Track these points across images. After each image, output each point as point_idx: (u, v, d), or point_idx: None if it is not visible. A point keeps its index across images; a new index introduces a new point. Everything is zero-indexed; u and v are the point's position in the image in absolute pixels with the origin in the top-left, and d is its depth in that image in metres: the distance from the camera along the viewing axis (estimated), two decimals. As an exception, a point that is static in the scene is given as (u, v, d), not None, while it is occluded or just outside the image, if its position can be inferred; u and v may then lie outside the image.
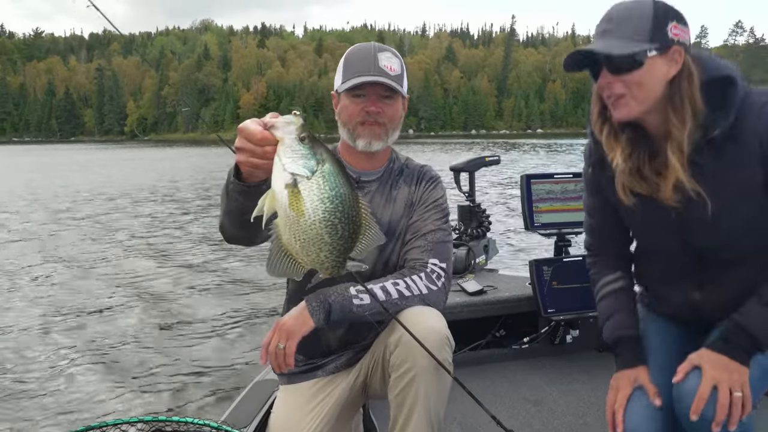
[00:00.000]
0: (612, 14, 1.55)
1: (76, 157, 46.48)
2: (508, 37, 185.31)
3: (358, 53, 1.92)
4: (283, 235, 1.26)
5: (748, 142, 1.51)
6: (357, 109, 1.89)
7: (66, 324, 6.00)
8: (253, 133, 1.31)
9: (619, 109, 1.56)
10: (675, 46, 1.49)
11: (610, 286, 1.85)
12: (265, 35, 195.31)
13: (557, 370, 3.09)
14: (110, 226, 12.46)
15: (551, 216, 3.27)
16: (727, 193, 1.55)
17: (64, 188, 20.82)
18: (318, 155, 1.23)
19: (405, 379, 1.71)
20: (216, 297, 6.87)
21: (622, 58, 1.50)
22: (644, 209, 1.67)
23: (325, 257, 1.28)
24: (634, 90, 1.52)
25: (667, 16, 1.50)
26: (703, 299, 1.70)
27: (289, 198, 1.21)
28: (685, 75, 1.51)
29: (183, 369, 4.79)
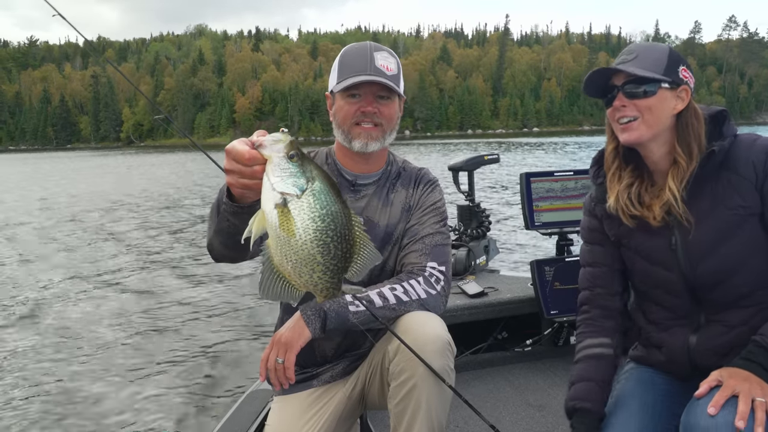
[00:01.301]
0: (633, 48, 1.72)
1: (74, 165, 46.38)
2: (502, 36, 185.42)
3: (354, 52, 1.88)
4: (275, 257, 1.22)
5: (742, 170, 1.62)
6: (352, 109, 1.84)
7: (57, 331, 5.94)
8: (241, 153, 1.26)
9: (629, 132, 1.67)
10: (684, 85, 1.66)
11: (589, 350, 1.82)
12: (260, 39, 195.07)
13: (561, 372, 3.03)
14: (104, 233, 12.40)
15: (552, 215, 3.21)
16: (722, 221, 1.63)
17: (68, 196, 20.75)
18: (308, 173, 1.20)
19: (405, 387, 1.66)
20: (209, 307, 6.80)
21: (639, 82, 1.64)
22: (645, 240, 1.74)
23: (319, 278, 1.24)
24: (645, 114, 1.65)
25: (679, 59, 1.68)
26: (700, 344, 1.70)
27: (279, 218, 1.18)
28: (692, 112, 1.67)
29: (176, 379, 4.73)
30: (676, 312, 1.76)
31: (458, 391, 1.67)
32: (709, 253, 1.65)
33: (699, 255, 1.66)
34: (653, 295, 1.80)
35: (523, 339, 3.26)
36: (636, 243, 1.77)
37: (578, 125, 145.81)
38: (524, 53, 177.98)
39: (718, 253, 1.65)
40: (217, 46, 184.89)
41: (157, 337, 5.78)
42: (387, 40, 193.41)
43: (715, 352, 1.67)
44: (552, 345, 3.25)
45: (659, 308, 1.80)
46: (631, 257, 1.80)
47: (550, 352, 3.22)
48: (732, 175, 1.64)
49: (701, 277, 1.67)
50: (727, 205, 1.64)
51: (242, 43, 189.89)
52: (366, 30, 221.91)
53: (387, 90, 1.85)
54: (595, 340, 1.82)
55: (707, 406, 1.44)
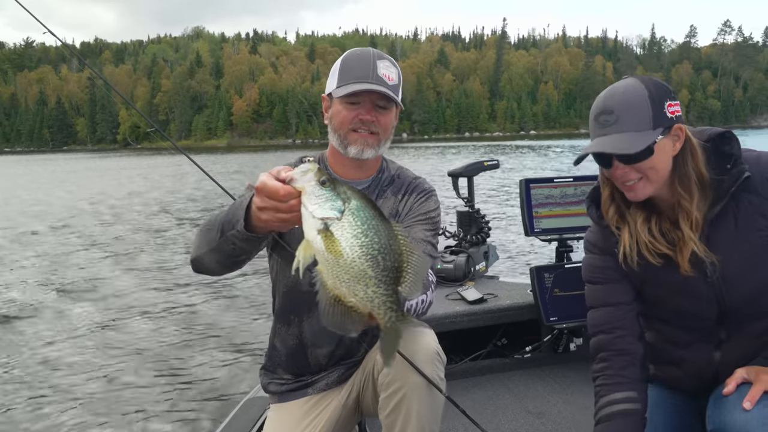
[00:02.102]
0: (610, 106, 1.56)
1: (68, 167, 46.23)
2: (499, 39, 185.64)
3: (357, 58, 1.86)
4: (328, 280, 1.24)
5: (759, 188, 1.56)
6: (350, 115, 1.83)
7: (53, 339, 5.90)
8: (276, 190, 1.27)
9: (636, 192, 1.58)
10: (676, 123, 1.55)
11: (613, 407, 1.65)
12: (257, 41, 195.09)
13: (561, 379, 3.01)
14: (94, 240, 12.36)
15: (552, 221, 3.20)
16: (752, 244, 1.57)
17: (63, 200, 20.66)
18: (342, 195, 1.23)
19: (395, 398, 1.65)
20: (204, 314, 6.78)
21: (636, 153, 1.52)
22: (677, 275, 1.63)
23: (373, 292, 1.24)
24: (649, 174, 1.55)
25: (662, 97, 1.54)
26: (724, 359, 1.65)
27: (325, 242, 1.21)
28: (688, 150, 1.57)
29: (172, 388, 4.70)
30: (698, 335, 1.69)
31: (452, 399, 1.66)
32: (745, 279, 1.59)
33: (734, 283, 1.59)
34: (675, 321, 1.72)
35: (523, 346, 3.24)
36: (666, 279, 1.65)
37: (575, 128, 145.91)
38: (521, 56, 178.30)
39: (753, 277, 1.58)
40: (214, 48, 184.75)
41: (153, 345, 5.75)
42: (384, 43, 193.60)
43: (739, 363, 1.60)
44: (552, 352, 3.23)
45: (681, 332, 1.71)
46: (659, 293, 1.69)
47: (550, 359, 3.21)
48: (752, 196, 1.57)
49: (735, 303, 1.61)
50: (751, 227, 1.57)
51: (240, 45, 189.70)
52: (364, 33, 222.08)
53: (386, 100, 1.84)
54: (621, 395, 1.65)
55: (740, 402, 1.41)
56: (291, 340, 1.95)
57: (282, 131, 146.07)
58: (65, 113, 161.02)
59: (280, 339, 1.98)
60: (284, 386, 1.98)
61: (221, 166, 29.62)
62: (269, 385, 2.02)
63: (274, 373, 2.03)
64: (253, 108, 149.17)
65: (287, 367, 1.98)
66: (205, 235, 1.61)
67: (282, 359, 1.99)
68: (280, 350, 1.98)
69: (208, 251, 1.60)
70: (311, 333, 1.92)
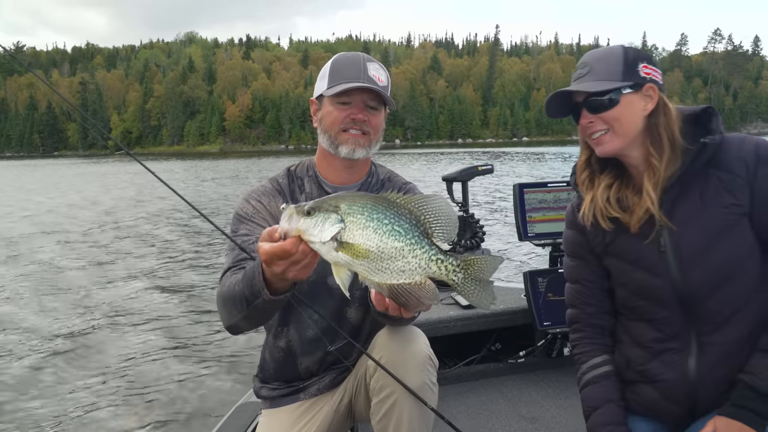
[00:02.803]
0: (585, 60, 1.67)
1: (59, 172, 45.95)
2: (492, 46, 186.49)
3: (347, 60, 1.87)
4: (375, 278, 1.26)
5: (734, 167, 1.56)
6: (341, 115, 1.83)
7: (44, 348, 5.85)
8: (284, 249, 1.27)
9: (602, 145, 1.63)
10: (648, 83, 1.60)
11: (597, 371, 1.76)
12: (251, 47, 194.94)
13: (555, 384, 3.01)
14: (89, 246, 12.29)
15: (545, 226, 3.19)
16: (714, 220, 1.56)
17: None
18: (330, 209, 1.24)
19: (386, 403, 1.66)
20: (197, 320, 6.75)
21: (599, 96, 1.59)
22: (631, 243, 1.67)
23: (414, 258, 1.26)
24: (614, 125, 1.60)
25: (636, 58, 1.62)
26: (700, 373, 1.61)
27: (347, 253, 1.23)
28: (661, 109, 1.61)
29: (163, 393, 4.67)
30: (665, 330, 1.66)
31: (438, 412, 1.65)
32: (701, 255, 1.57)
33: (691, 258, 1.59)
34: (640, 309, 1.71)
35: (517, 350, 3.23)
36: (622, 247, 1.69)
37: (567, 135, 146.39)
38: (514, 63, 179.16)
39: (712, 254, 1.57)
40: (207, 53, 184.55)
41: (145, 350, 5.71)
42: (378, 49, 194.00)
43: (718, 383, 1.58)
44: (545, 356, 3.23)
45: (646, 326, 1.70)
46: (617, 265, 1.72)
47: (544, 363, 3.20)
48: (722, 173, 1.57)
49: (694, 282, 1.59)
50: (716, 203, 1.57)
51: (233, 50, 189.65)
52: (357, 39, 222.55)
53: (376, 100, 1.85)
54: (598, 359, 1.77)
55: None
56: (278, 352, 1.95)
57: (275, 137, 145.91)
58: (56, 118, 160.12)
59: (268, 351, 1.99)
60: (276, 391, 1.98)
61: (213, 172, 29.64)
62: (261, 390, 2.02)
63: (266, 380, 2.03)
64: (246, 113, 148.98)
65: (278, 375, 1.98)
66: (231, 309, 1.62)
67: (272, 370, 1.99)
68: (270, 362, 1.99)
69: (242, 319, 1.61)
70: (301, 343, 1.92)
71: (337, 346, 1.91)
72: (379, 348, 1.71)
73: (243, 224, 1.85)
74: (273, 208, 1.89)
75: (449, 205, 1.29)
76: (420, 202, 1.28)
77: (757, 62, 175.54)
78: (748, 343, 1.57)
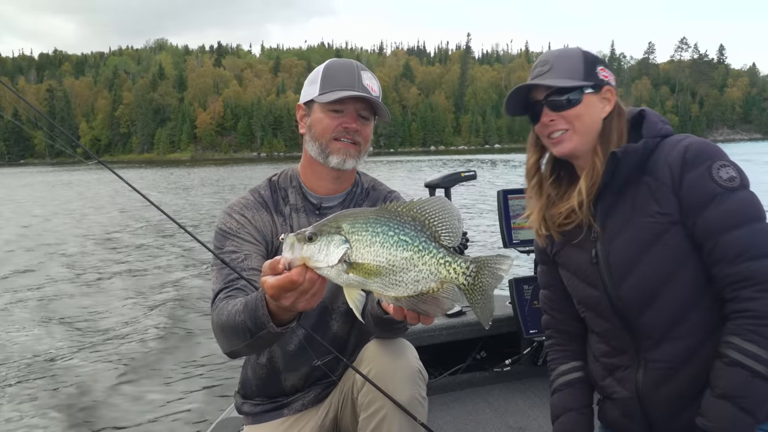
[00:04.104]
0: (546, 58, 1.66)
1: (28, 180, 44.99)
2: (463, 54, 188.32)
3: (340, 67, 1.83)
4: (391, 293, 1.23)
5: (659, 172, 1.51)
6: (334, 124, 1.78)
7: (17, 369, 5.67)
8: (291, 279, 1.20)
9: (562, 144, 1.60)
10: (606, 86, 1.60)
11: (563, 378, 1.76)
12: (222, 54, 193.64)
13: (541, 393, 2.97)
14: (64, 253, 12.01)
15: (530, 232, 3.14)
16: (639, 230, 1.53)
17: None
18: (332, 230, 1.21)
19: (375, 419, 1.62)
20: (177, 333, 6.62)
21: (562, 93, 1.57)
22: (571, 253, 1.67)
23: (424, 265, 1.21)
24: (575, 124, 1.58)
25: (595, 61, 1.62)
26: (647, 388, 1.58)
27: (358, 273, 1.20)
28: (616, 112, 1.61)
29: (143, 407, 4.54)
30: (612, 344, 1.65)
31: (428, 427, 1.62)
32: (630, 266, 1.54)
33: (620, 269, 1.56)
34: (588, 320, 1.71)
35: (503, 359, 3.19)
36: (565, 257, 1.70)
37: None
38: (485, 71, 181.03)
39: (641, 266, 1.53)
40: (177, 60, 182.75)
41: (124, 363, 5.56)
42: (350, 56, 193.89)
43: (669, 401, 1.55)
44: (531, 364, 3.19)
45: (597, 339, 1.70)
46: (565, 274, 1.73)
47: (530, 371, 3.17)
48: (651, 179, 1.52)
49: (625, 294, 1.56)
50: (644, 212, 1.52)
51: (204, 57, 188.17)
52: (329, 46, 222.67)
53: (369, 110, 1.81)
54: (567, 366, 1.77)
55: None
56: (261, 369, 1.91)
57: (247, 144, 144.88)
58: (22, 126, 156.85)
59: (251, 367, 1.95)
60: (259, 407, 1.93)
61: (188, 179, 29.19)
62: (243, 405, 1.98)
63: (248, 396, 1.98)
64: (218, 121, 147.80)
65: (261, 391, 1.94)
66: (232, 338, 1.56)
67: (255, 386, 1.95)
68: (251, 378, 1.95)
69: (244, 347, 1.55)
70: (284, 359, 1.88)
71: (324, 360, 1.85)
72: (367, 361, 1.67)
73: (228, 240, 1.77)
74: (258, 221, 1.83)
75: (451, 205, 1.26)
76: (422, 206, 1.23)
77: (722, 70, 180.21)
78: (698, 356, 1.51)
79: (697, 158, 1.48)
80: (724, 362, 1.43)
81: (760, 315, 1.40)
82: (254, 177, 34.54)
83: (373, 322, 1.68)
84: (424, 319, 1.29)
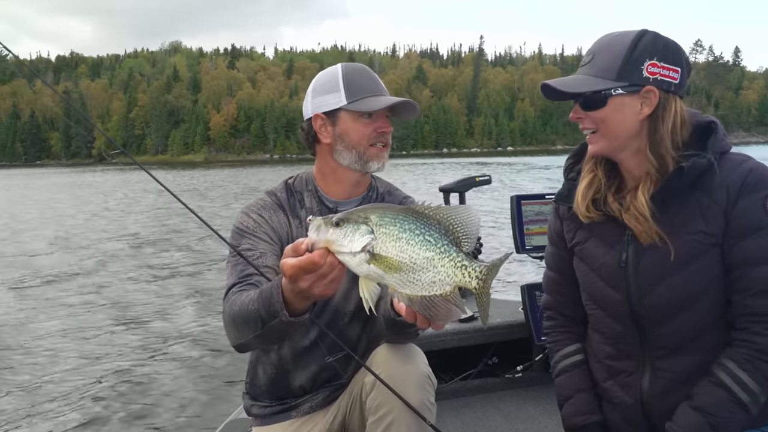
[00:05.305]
0: (594, 47, 1.54)
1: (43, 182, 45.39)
2: (476, 56, 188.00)
3: (359, 73, 1.84)
4: (406, 291, 1.21)
5: (715, 192, 1.44)
6: (368, 130, 1.80)
7: (29, 362, 5.72)
8: (313, 261, 1.20)
9: (591, 144, 1.56)
10: (649, 85, 1.45)
11: (569, 360, 1.74)
12: (235, 56, 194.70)
13: (553, 400, 2.92)
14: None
15: (542, 238, 3.14)
16: (679, 246, 1.46)
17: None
18: (359, 220, 1.20)
19: (383, 423, 1.62)
20: (185, 333, 6.64)
21: (589, 96, 1.49)
22: (597, 250, 1.61)
23: (443, 267, 1.20)
24: (601, 127, 1.50)
25: (645, 53, 1.46)
26: (652, 394, 1.57)
27: (379, 266, 1.19)
28: (662, 114, 1.47)
29: (151, 409, 4.56)
30: (618, 347, 1.63)
31: (438, 429, 1.62)
32: (659, 279, 1.49)
33: (649, 278, 1.51)
34: (595, 318, 1.68)
35: (514, 365, 3.17)
36: (588, 253, 1.64)
37: (551, 144, 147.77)
38: (498, 74, 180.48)
39: (669, 282, 1.48)
40: (192, 63, 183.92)
41: (130, 363, 5.59)
42: (363, 59, 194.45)
43: (673, 411, 1.52)
44: (543, 371, 3.17)
45: (601, 339, 1.68)
46: (581, 267, 1.68)
47: (542, 378, 3.15)
48: (703, 197, 1.45)
49: (649, 303, 1.52)
50: (688, 229, 1.46)
51: (218, 60, 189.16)
52: (342, 49, 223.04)
53: (390, 111, 1.84)
54: (572, 347, 1.76)
55: None
56: (271, 368, 1.91)
57: (260, 146, 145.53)
58: (38, 127, 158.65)
59: (261, 367, 1.95)
60: (267, 409, 1.94)
61: (198, 180, 29.50)
62: (252, 407, 1.98)
63: (256, 397, 1.98)
64: (231, 123, 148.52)
65: (270, 392, 1.94)
66: (242, 329, 1.55)
67: (264, 386, 1.95)
68: (262, 378, 1.95)
69: (254, 338, 1.55)
70: (294, 356, 1.88)
71: (335, 357, 1.87)
72: (378, 365, 1.67)
73: (244, 238, 1.79)
74: (274, 222, 1.85)
75: (477, 217, 1.26)
76: (449, 212, 1.23)
77: (738, 73, 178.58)
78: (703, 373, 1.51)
79: (758, 185, 1.42)
80: (711, 381, 1.44)
81: (762, 350, 1.40)
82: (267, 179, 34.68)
83: (385, 325, 1.68)
84: (435, 325, 1.29)
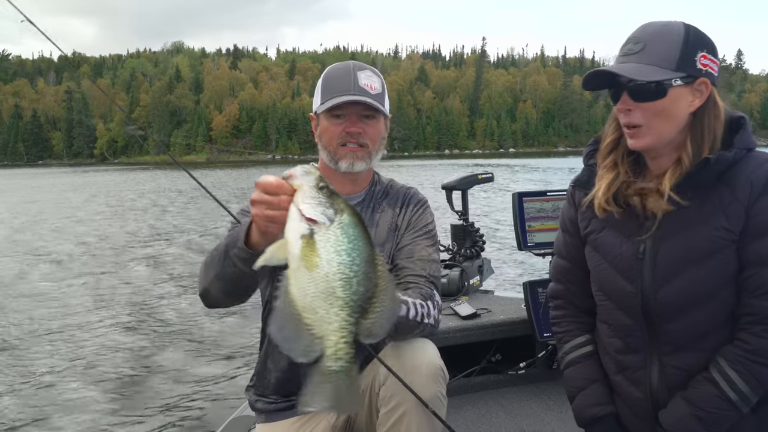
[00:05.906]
0: (640, 35, 1.46)
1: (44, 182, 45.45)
2: (479, 58, 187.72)
3: (337, 72, 1.86)
4: (293, 287, 1.16)
5: (738, 188, 1.42)
6: (337, 130, 1.81)
7: (30, 357, 5.74)
8: (270, 182, 1.25)
9: (636, 139, 1.48)
10: (702, 77, 1.43)
11: (579, 351, 1.72)
12: (238, 57, 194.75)
13: (556, 396, 2.96)
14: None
15: (545, 235, 3.16)
16: (699, 239, 1.45)
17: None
18: (336, 205, 1.18)
19: (395, 414, 1.63)
20: (190, 329, 6.66)
21: (644, 85, 1.42)
22: (613, 241, 1.58)
23: (335, 314, 1.15)
24: (652, 121, 1.44)
25: (697, 44, 1.43)
26: (661, 389, 1.55)
27: (303, 248, 1.15)
28: (711, 108, 1.45)
29: (154, 405, 4.57)
30: (627, 340, 1.61)
31: (449, 425, 1.63)
32: (676, 271, 1.47)
33: (665, 271, 1.49)
34: (604, 309, 1.66)
35: (517, 362, 3.18)
36: (603, 242, 1.61)
37: (553, 146, 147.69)
38: (500, 75, 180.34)
39: (686, 274, 1.46)
40: (194, 63, 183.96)
41: (134, 360, 5.60)
42: (365, 59, 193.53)
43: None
44: (546, 368, 3.18)
45: (611, 332, 1.65)
46: (595, 257, 1.64)
47: (545, 375, 3.15)
48: (726, 192, 1.43)
49: (663, 297, 1.50)
50: (709, 223, 1.44)
51: (220, 60, 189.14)
52: (345, 50, 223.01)
53: (371, 110, 1.82)
54: (582, 338, 1.74)
55: None
56: (284, 360, 1.88)
57: (262, 147, 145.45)
58: (40, 127, 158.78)
59: (273, 360, 1.93)
60: (272, 405, 1.93)
61: (201, 181, 29.37)
62: (257, 403, 1.97)
63: (262, 393, 1.97)
64: (233, 123, 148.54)
65: (278, 387, 1.93)
66: (209, 266, 1.59)
67: (273, 380, 1.93)
68: (272, 371, 1.93)
69: (213, 279, 1.57)
70: None
71: None
72: (389, 357, 1.66)
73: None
74: None
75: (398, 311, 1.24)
76: (387, 287, 1.21)
77: (740, 75, 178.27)
78: None
79: None
80: (704, 376, 1.46)
81: (756, 351, 1.41)
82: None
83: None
84: None
